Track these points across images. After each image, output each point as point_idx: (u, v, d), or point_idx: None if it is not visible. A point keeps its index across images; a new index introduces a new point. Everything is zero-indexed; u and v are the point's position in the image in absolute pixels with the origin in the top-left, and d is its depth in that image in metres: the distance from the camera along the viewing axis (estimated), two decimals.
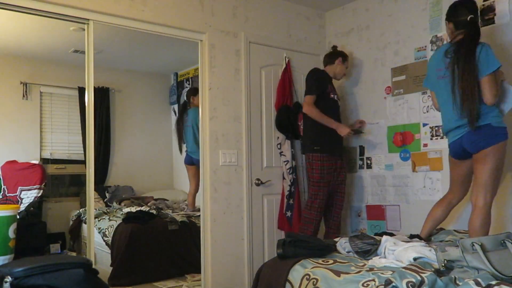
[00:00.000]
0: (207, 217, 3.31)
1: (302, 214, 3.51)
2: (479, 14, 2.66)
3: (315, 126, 3.43)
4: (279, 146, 3.74)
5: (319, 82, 3.45)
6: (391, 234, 2.69)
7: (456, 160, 2.69)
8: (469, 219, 2.48)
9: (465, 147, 2.56)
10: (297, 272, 2.17)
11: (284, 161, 3.69)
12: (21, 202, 3.68)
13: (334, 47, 3.76)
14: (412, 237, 2.70)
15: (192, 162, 4.06)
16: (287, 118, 3.59)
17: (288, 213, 3.60)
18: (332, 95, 3.50)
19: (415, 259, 2.02)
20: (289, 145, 3.70)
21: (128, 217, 3.78)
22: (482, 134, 2.47)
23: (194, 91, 3.82)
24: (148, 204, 4.23)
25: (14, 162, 3.83)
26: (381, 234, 2.62)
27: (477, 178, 2.52)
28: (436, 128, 3.26)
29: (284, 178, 3.69)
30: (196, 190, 4.10)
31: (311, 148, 3.46)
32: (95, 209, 3.70)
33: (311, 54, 4.00)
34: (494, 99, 2.46)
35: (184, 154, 4.21)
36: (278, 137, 3.73)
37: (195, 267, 3.57)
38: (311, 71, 3.55)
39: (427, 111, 3.32)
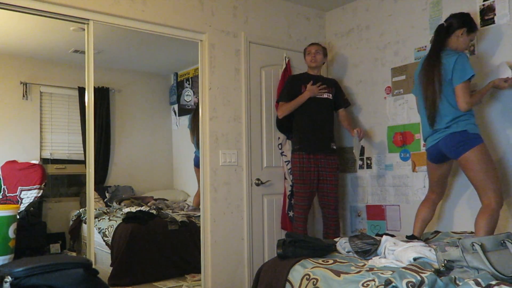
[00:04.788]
0: (207, 217, 3.31)
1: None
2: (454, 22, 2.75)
3: (297, 127, 3.51)
4: (280, 146, 3.74)
5: (287, 89, 3.52)
6: (391, 236, 2.69)
7: (434, 164, 2.81)
8: (476, 217, 2.57)
9: (443, 152, 2.68)
10: (297, 272, 2.17)
11: (285, 161, 3.69)
12: (21, 202, 3.68)
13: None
14: (408, 238, 2.72)
15: None
16: (288, 118, 3.59)
17: (291, 213, 3.60)
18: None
19: (415, 259, 2.02)
20: (290, 145, 3.70)
21: (128, 217, 3.77)
22: (458, 140, 2.59)
23: None
24: (148, 204, 4.22)
25: (14, 162, 3.83)
26: (381, 235, 2.62)
27: (473, 184, 2.64)
28: None
29: (285, 178, 3.69)
30: None
31: (293, 147, 3.55)
32: (95, 209, 3.70)
33: None
34: (467, 106, 2.57)
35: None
36: (279, 137, 3.73)
37: (195, 267, 3.57)
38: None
39: None
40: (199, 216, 3.44)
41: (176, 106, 4.46)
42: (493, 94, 2.97)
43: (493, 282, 1.62)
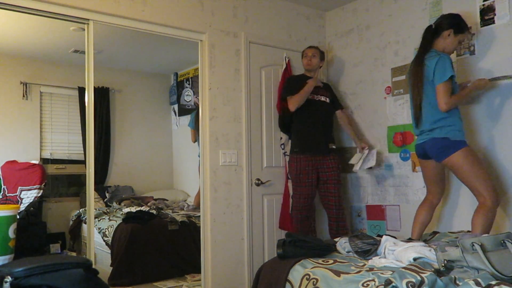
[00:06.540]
0: (207, 217, 3.31)
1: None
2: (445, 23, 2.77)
3: (295, 130, 3.54)
4: (282, 146, 3.74)
5: (289, 85, 3.54)
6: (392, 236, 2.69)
7: (422, 160, 2.86)
8: (472, 215, 2.60)
9: (427, 153, 2.73)
10: (297, 272, 2.17)
11: (288, 161, 3.69)
12: (21, 202, 3.67)
13: None
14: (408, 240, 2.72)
15: None
16: (290, 119, 3.59)
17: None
18: (311, 97, 3.48)
19: (415, 259, 2.02)
20: None
21: (128, 217, 3.78)
22: (440, 146, 2.63)
23: None
24: (148, 204, 4.22)
25: (14, 162, 3.83)
26: (381, 236, 2.62)
27: (465, 185, 2.69)
28: None
29: (288, 178, 3.68)
30: None
31: (291, 149, 3.56)
32: (95, 209, 3.70)
33: None
34: (446, 106, 2.59)
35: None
36: (281, 138, 3.73)
37: (195, 267, 3.57)
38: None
39: None
40: (199, 216, 3.44)
41: (176, 106, 4.47)
42: (479, 92, 2.98)
43: (493, 282, 1.62)
